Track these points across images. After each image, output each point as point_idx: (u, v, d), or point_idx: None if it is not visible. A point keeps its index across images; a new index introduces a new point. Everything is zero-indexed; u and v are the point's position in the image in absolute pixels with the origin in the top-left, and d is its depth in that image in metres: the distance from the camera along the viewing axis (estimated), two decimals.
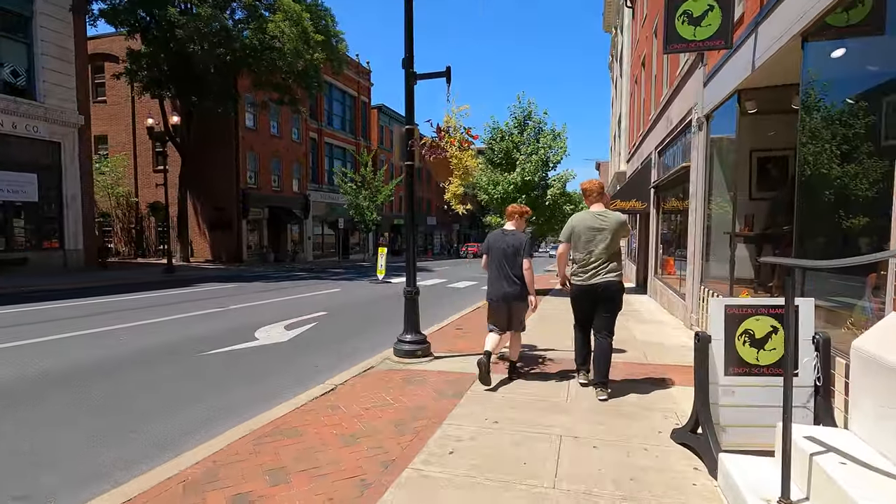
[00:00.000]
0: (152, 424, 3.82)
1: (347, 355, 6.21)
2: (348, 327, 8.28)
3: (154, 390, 4.64)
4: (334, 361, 5.89)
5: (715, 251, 7.17)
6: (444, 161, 4.92)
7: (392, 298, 12.20)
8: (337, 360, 5.91)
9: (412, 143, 5.13)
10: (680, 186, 9.35)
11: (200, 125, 24.86)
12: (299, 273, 20.59)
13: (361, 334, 7.65)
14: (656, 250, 12.02)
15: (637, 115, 17.53)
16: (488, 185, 13.12)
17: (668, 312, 9.52)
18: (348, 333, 7.70)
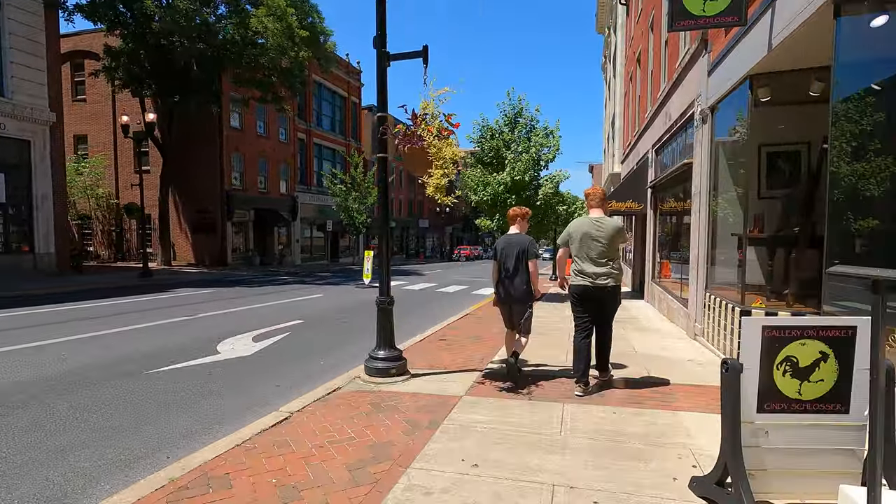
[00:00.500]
0: (25, 479, 2.98)
1: (316, 372, 5.55)
2: (324, 338, 7.61)
3: (67, 424, 3.92)
4: (300, 379, 5.22)
5: (721, 254, 6.59)
6: (421, 152, 4.30)
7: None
8: (303, 378, 5.25)
9: (384, 131, 4.49)
10: (680, 186, 8.78)
11: (183, 124, 24.08)
12: (283, 277, 19.86)
13: (337, 346, 6.98)
14: (653, 253, 11.46)
15: (632, 113, 17.01)
16: (477, 185, 12.53)
17: (667, 320, 8.93)
18: (323, 346, 7.03)
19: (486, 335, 7.41)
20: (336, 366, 5.82)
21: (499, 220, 12.66)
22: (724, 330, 5.69)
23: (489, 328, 8.01)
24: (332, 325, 8.85)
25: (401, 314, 10.63)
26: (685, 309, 7.71)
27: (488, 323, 8.60)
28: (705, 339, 6.49)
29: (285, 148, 30.11)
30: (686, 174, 7.88)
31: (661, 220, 10.95)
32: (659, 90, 10.65)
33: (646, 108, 13.00)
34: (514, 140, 12.60)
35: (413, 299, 13.21)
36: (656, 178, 10.63)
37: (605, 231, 4.34)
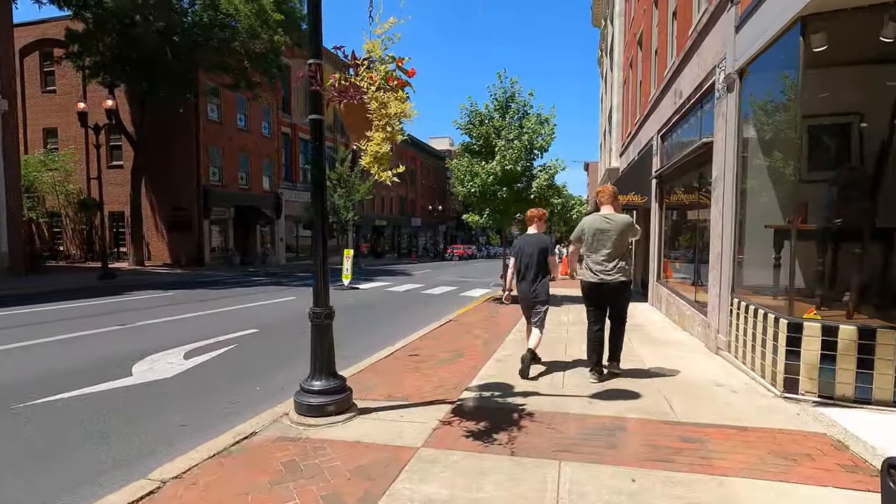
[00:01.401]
0: None
1: (245, 402, 4.32)
2: (275, 353, 6.37)
3: None
4: (213, 417, 3.99)
5: (751, 251, 5.40)
6: (361, 109, 3.10)
7: (351, 310, 10.30)
8: (216, 417, 4.01)
9: (314, 84, 3.27)
10: (694, 172, 7.59)
11: (156, 116, 22.72)
12: (260, 278, 18.56)
13: (286, 365, 5.74)
14: (659, 251, 10.28)
15: (632, 102, 15.86)
16: (464, 176, 11.31)
17: (679, 327, 7.75)
18: (269, 363, 5.80)
19: (467, 349, 6.20)
20: (276, 393, 4.59)
21: (488, 215, 11.44)
22: (761, 345, 4.50)
23: (472, 340, 6.80)
24: (292, 335, 7.60)
25: (375, 320, 9.47)
26: (702, 316, 6.52)
27: (473, 332, 7.38)
28: (732, 355, 5.31)
29: (269, 142, 28.78)
30: (703, 157, 6.69)
31: (669, 214, 9.77)
32: (665, 68, 9.48)
33: (648, 93, 11.84)
34: (506, 127, 11.39)
35: (393, 302, 11.98)
36: (662, 167, 9.45)
37: (616, 225, 4.45)
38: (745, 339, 4.92)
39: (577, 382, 4.64)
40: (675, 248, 9.18)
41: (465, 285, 17.20)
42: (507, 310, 10.11)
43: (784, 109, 4.73)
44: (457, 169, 11.56)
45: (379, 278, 19.64)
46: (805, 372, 3.98)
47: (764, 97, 5.11)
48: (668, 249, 9.72)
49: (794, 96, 4.45)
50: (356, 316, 9.49)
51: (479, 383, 4.60)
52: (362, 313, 9.89)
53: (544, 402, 4.04)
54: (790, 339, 4.01)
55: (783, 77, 4.57)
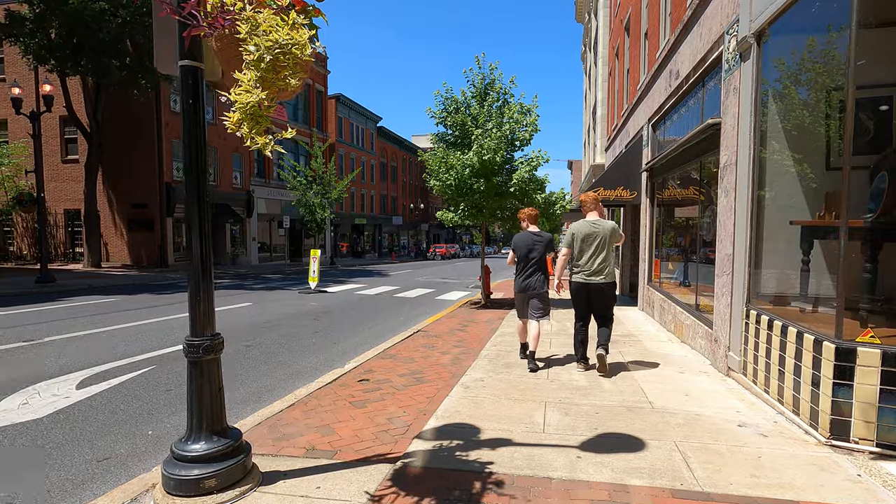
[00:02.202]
0: None
1: (112, 462, 3.21)
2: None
3: None
4: (57, 490, 2.88)
5: (771, 253, 4.46)
6: (231, 41, 2.05)
7: (309, 318, 9.17)
8: (62, 489, 2.90)
9: (181, 8, 2.18)
10: (693, 162, 6.67)
11: (115, 107, 21.23)
12: (222, 281, 17.25)
13: None
14: (650, 251, 9.38)
15: (619, 93, 15.01)
16: (439, 168, 10.26)
17: (676, 338, 6.83)
18: (181, 394, 4.67)
19: (431, 371, 5.16)
20: (173, 438, 3.50)
21: (464, 211, 10.41)
22: (793, 373, 3.55)
23: (439, 357, 5.76)
24: (229, 350, 6.47)
25: (332, 332, 8.02)
26: (706, 328, 5.59)
27: (441, 347, 6.34)
28: (749, 379, 4.36)
29: (237, 136, 27.23)
30: (707, 143, 5.76)
31: (662, 210, 8.86)
32: (658, 49, 8.56)
33: (637, 80, 10.95)
34: (484, 115, 10.37)
35: (361, 308, 10.89)
36: (654, 159, 8.53)
37: (603, 230, 4.85)
38: (769, 362, 3.97)
39: (558, 420, 3.64)
40: (671, 247, 8.27)
41: (442, 287, 16.17)
42: (484, 316, 9.10)
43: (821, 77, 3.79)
44: (430, 161, 10.51)
45: (353, 280, 18.49)
46: (859, 412, 3.03)
47: (793, 63, 4.17)
48: (661, 249, 8.81)
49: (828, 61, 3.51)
50: (311, 326, 8.38)
51: (436, 425, 3.56)
52: (320, 322, 8.79)
53: (519, 456, 3.01)
54: (839, 369, 3.05)
55: (827, 31, 3.62)
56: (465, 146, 10.38)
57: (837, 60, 3.68)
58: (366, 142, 44.39)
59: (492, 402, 4.09)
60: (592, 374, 4.97)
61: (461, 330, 7.67)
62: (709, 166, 6.10)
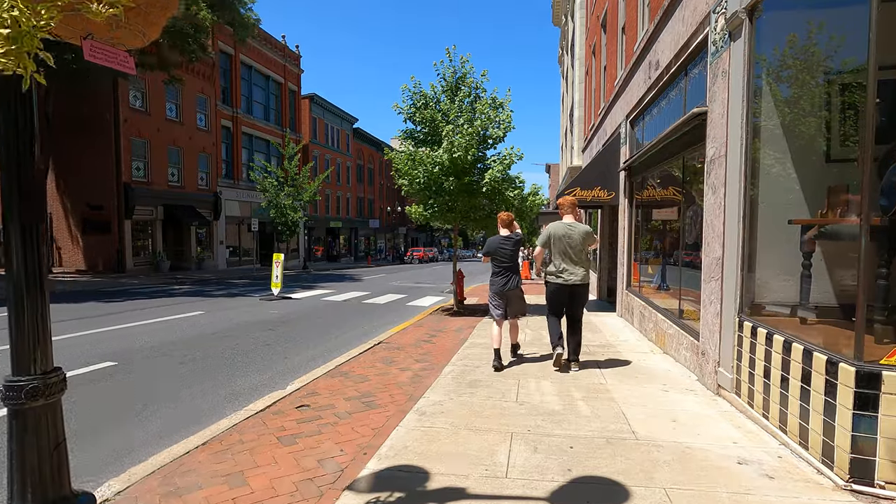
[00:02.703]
0: None
1: None
2: (108, 405, 4.47)
3: None
4: None
5: (767, 256, 3.95)
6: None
7: (265, 328, 8.40)
8: None
9: None
10: (675, 158, 6.18)
11: (66, 102, 19.96)
12: (181, 287, 16.23)
13: (107, 431, 3.87)
14: (629, 254, 8.90)
15: (595, 91, 14.64)
16: (406, 166, 9.62)
17: (658, 349, 6.31)
18: (82, 428, 3.90)
19: (384, 392, 4.50)
20: None
21: (433, 208, 9.78)
22: (800, 398, 3.02)
23: (396, 375, 5.10)
24: (163, 369, 5.68)
25: (285, 344, 7.12)
26: (691, 339, 5.07)
27: (401, 362, 5.68)
28: (743, 400, 3.83)
29: (205, 136, 26.18)
30: (691, 136, 5.26)
31: (641, 211, 8.39)
32: (636, 42, 8.10)
33: (615, 76, 10.52)
34: (455, 111, 9.77)
35: (324, 317, 10.14)
36: (632, 156, 8.05)
37: (577, 233, 5.03)
38: (768, 382, 3.43)
39: (525, 458, 3.02)
40: (651, 250, 7.79)
41: (415, 292, 15.49)
42: (455, 324, 8.48)
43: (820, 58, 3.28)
44: (397, 159, 9.86)
45: (322, 285, 17.67)
46: (886, 451, 2.49)
47: (789, 41, 3.66)
48: (640, 252, 8.33)
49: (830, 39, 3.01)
50: (264, 338, 7.62)
51: (377, 468, 2.91)
52: (276, 333, 8.03)
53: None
54: (860, 397, 2.52)
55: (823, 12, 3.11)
56: (435, 143, 9.76)
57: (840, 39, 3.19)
58: (341, 143, 43.45)
59: (449, 433, 3.45)
60: (567, 390, 4.39)
61: (427, 341, 7.02)
62: (692, 163, 5.61)
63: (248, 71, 30.34)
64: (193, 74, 24.81)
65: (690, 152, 5.57)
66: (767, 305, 3.90)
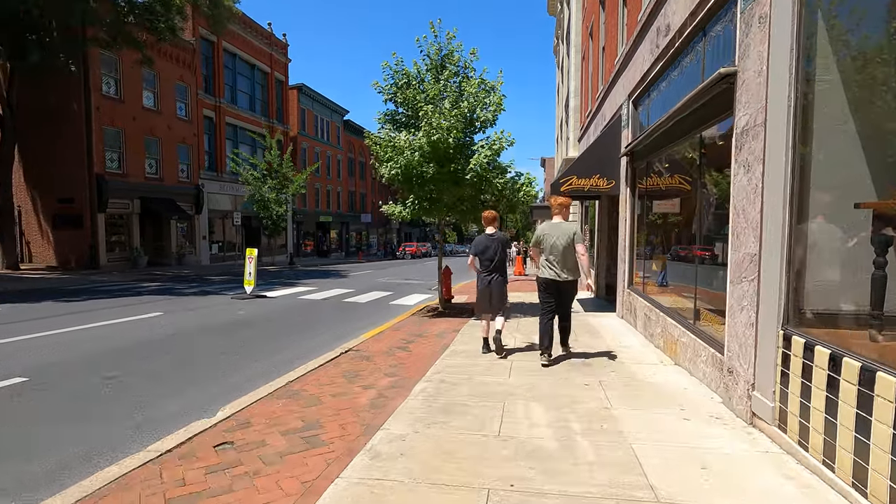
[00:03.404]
0: None
1: None
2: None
3: None
4: None
5: (822, 250, 3.07)
6: None
7: (226, 332, 7.47)
8: None
9: None
10: (688, 137, 5.29)
11: (36, 90, 18.86)
12: (152, 284, 15.23)
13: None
14: (631, 249, 8.04)
15: (593, 75, 13.74)
16: (384, 152, 8.69)
17: (668, 359, 5.44)
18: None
19: (335, 419, 3.61)
20: None
21: (413, 204, 8.86)
22: (889, 449, 2.14)
23: (356, 396, 4.20)
24: (66, 391, 4.75)
25: (242, 352, 6.24)
26: (712, 351, 4.20)
27: (367, 377, 4.79)
28: (792, 439, 2.96)
29: (185, 126, 25.07)
30: (711, 107, 4.36)
31: (645, 200, 7.50)
32: (640, 10, 7.19)
33: (614, 53, 9.61)
34: (438, 90, 8.83)
35: (296, 318, 9.23)
36: (636, 139, 7.15)
37: (565, 233, 5.19)
38: (833, 420, 2.55)
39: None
40: (657, 244, 6.91)
41: (402, 290, 14.59)
42: (438, 326, 7.59)
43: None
44: (374, 144, 8.92)
45: (304, 282, 16.73)
46: None
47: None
48: (644, 247, 7.46)
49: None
50: (220, 345, 6.71)
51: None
52: (235, 338, 7.11)
53: None
54: None
55: None
56: (417, 127, 8.83)
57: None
58: (332, 136, 42.34)
59: (405, 492, 2.56)
60: (563, 418, 3.51)
61: (403, 348, 6.13)
62: (712, 140, 4.73)
63: (231, 59, 29.19)
64: (172, 61, 23.70)
65: (708, 127, 4.68)
66: (823, 315, 3.03)
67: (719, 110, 4.21)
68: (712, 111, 4.39)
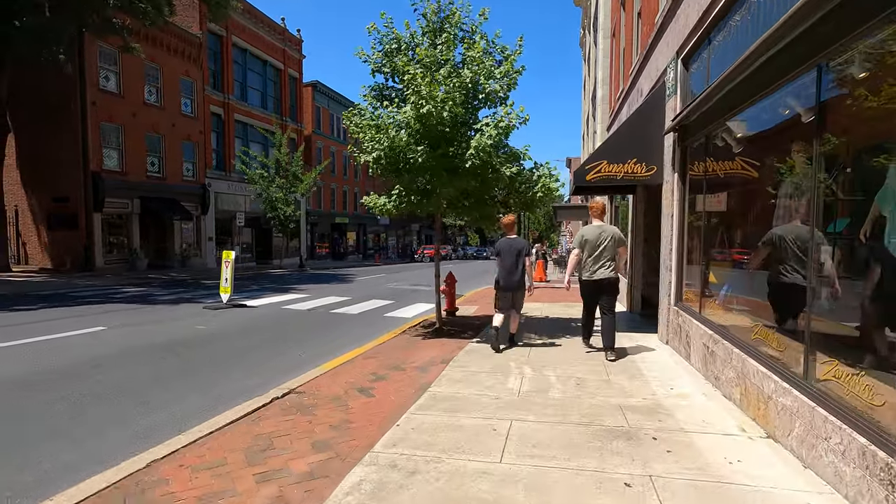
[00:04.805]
0: None
1: None
2: None
3: None
4: None
5: None
6: None
7: (172, 351, 5.88)
8: None
9: None
10: (785, 81, 3.41)
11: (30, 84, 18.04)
12: (125, 290, 13.93)
13: None
14: (679, 254, 6.15)
15: (626, 49, 11.82)
16: (365, 133, 7.00)
17: (754, 423, 3.55)
18: None
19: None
20: None
21: (399, 197, 7.16)
22: None
23: (248, 497, 2.49)
24: None
25: (166, 383, 4.67)
26: (860, 441, 2.34)
27: (286, 447, 3.07)
28: None
29: (191, 123, 24.07)
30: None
31: (704, 189, 5.59)
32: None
33: (655, 10, 7.69)
34: (436, 58, 7.10)
35: (264, 334, 7.64)
36: (691, 104, 5.25)
37: (608, 235, 5.64)
38: None
39: None
40: (730, 245, 5.00)
41: (407, 298, 12.91)
42: (426, 352, 5.77)
43: None
44: (353, 124, 7.24)
45: (300, 288, 15.25)
46: None
47: None
48: (701, 251, 5.56)
49: None
50: (146, 372, 5.13)
51: None
52: (163, 367, 5.54)
53: None
54: None
55: None
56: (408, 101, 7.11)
57: None
58: (348, 134, 41.15)
59: None
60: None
61: (364, 391, 4.43)
62: (843, 75, 2.87)
63: (241, 54, 28.19)
64: (177, 55, 22.74)
65: (844, 50, 2.83)
66: None
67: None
68: (862, 12, 2.54)
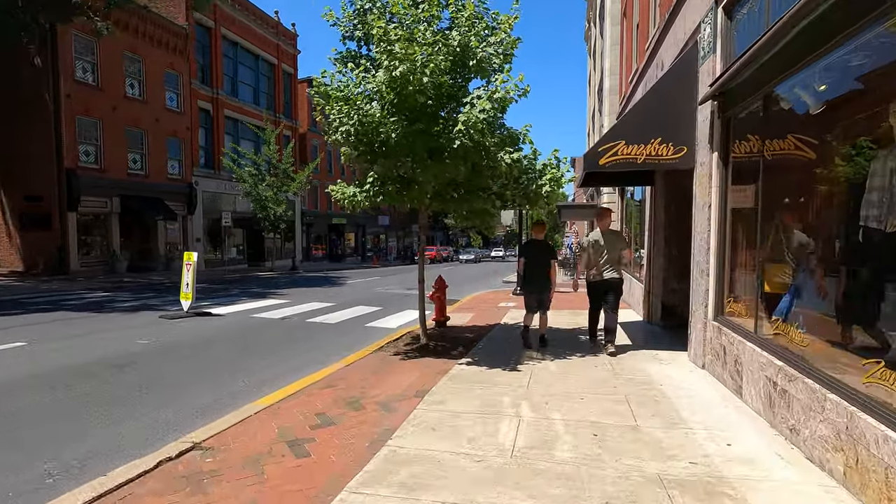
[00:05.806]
0: None
1: None
2: None
3: None
4: None
5: None
6: None
7: (54, 389, 4.62)
8: None
9: None
10: None
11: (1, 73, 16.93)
12: (85, 295, 12.71)
13: None
14: (720, 253, 4.86)
15: (641, 22, 10.56)
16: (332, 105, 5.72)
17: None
18: None
19: None
20: None
21: (372, 186, 5.89)
22: None
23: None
24: None
25: (28, 430, 3.64)
26: None
27: (214, 493, 1.78)
28: None
29: (177, 118, 22.92)
30: None
31: (760, 173, 4.28)
32: None
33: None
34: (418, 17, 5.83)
35: (211, 350, 6.40)
36: (747, 54, 3.97)
37: (613, 238, 6.17)
38: None
39: None
40: (800, 250, 3.70)
41: (396, 304, 11.64)
42: (403, 378, 4.39)
43: None
44: (319, 96, 5.97)
45: (281, 292, 14.01)
46: None
47: None
48: (756, 251, 4.26)
49: None
50: (22, 412, 3.88)
51: None
52: (63, 394, 4.29)
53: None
54: None
55: None
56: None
57: None
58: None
59: None
60: None
61: (296, 446, 3.17)
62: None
63: (232, 48, 27.04)
64: (161, 46, 21.61)
65: None
66: None
67: None
68: None
